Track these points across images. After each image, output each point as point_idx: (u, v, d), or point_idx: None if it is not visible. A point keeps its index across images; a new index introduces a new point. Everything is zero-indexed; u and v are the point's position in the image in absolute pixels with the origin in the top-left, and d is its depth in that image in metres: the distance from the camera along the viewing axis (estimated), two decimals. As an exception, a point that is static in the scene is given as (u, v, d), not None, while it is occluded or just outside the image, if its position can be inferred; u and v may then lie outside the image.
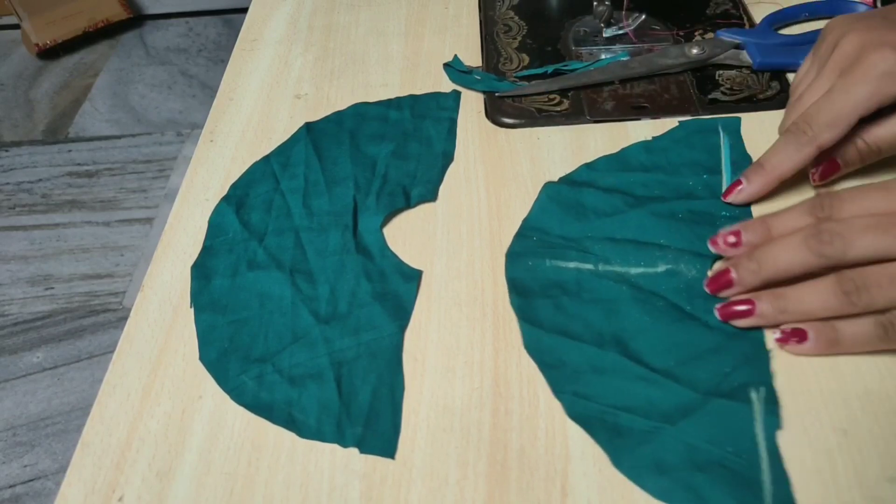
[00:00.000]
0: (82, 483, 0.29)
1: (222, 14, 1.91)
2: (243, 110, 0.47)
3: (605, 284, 0.34)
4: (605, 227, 0.36)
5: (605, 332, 0.32)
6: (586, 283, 0.34)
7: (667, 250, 0.35)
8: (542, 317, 0.33)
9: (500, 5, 0.54)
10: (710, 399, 0.29)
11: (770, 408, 0.29)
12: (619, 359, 0.31)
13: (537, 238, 0.36)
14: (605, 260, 0.35)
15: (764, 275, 0.31)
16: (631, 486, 0.27)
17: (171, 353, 0.34)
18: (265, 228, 0.38)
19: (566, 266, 0.35)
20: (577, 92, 0.45)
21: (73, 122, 1.61)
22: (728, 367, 0.30)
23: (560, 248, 0.36)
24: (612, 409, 0.29)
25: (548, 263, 0.35)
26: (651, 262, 0.34)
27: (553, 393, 0.30)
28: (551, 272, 0.35)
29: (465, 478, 0.28)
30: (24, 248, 1.33)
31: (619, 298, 0.33)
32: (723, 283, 0.32)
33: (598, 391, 0.30)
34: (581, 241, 0.36)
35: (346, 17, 0.55)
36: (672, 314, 0.32)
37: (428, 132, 0.43)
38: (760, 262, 0.31)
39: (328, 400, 0.31)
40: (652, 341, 0.31)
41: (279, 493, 0.28)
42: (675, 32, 0.49)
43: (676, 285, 0.33)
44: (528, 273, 0.35)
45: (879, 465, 0.27)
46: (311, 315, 0.34)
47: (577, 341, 0.32)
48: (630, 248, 0.35)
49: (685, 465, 0.28)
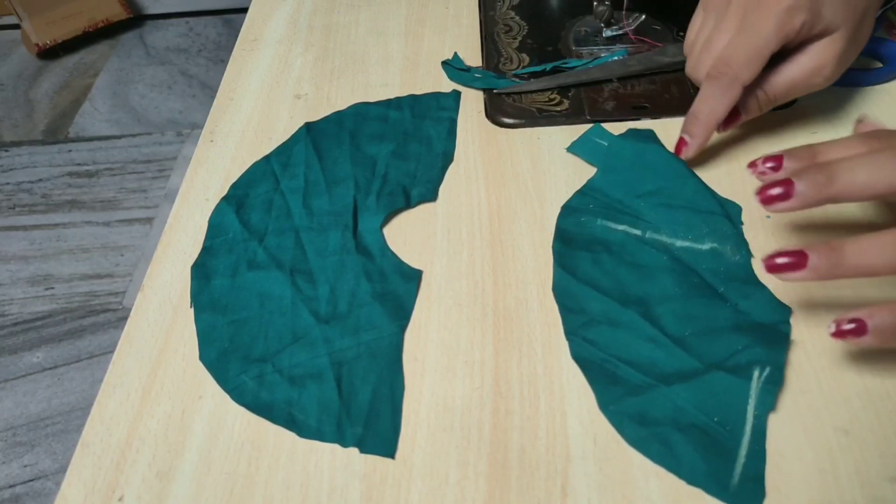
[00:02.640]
0: (82, 483, 0.29)
1: (222, 14, 1.91)
2: (243, 110, 0.47)
3: (647, 251, 0.35)
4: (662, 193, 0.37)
5: (633, 292, 0.33)
6: (630, 246, 0.35)
7: (716, 228, 0.35)
8: (578, 267, 0.34)
9: (500, 5, 0.54)
10: (712, 371, 0.30)
11: (769, 388, 0.29)
12: (637, 318, 0.32)
13: (597, 198, 0.38)
14: (654, 228, 0.36)
15: (835, 190, 0.27)
16: (631, 487, 0.27)
17: (171, 353, 0.34)
18: (265, 228, 0.38)
19: (616, 228, 0.36)
20: (577, 92, 0.45)
21: (73, 122, 1.61)
22: (740, 346, 0.31)
23: (615, 210, 0.37)
24: (615, 360, 0.31)
25: (599, 222, 0.36)
26: (698, 238, 0.35)
27: (564, 334, 0.32)
28: (600, 231, 0.36)
29: (466, 478, 0.28)
30: (24, 248, 1.33)
31: (656, 266, 0.34)
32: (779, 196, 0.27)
33: (608, 342, 0.31)
34: (637, 207, 0.37)
35: (346, 17, 0.55)
36: (703, 291, 0.33)
37: (428, 132, 0.43)
38: (832, 175, 0.27)
39: (328, 400, 0.31)
40: (675, 309, 0.32)
41: (279, 493, 0.28)
42: (675, 32, 0.49)
43: (716, 266, 0.34)
44: (578, 227, 0.36)
45: (881, 464, 0.27)
46: (311, 315, 0.34)
47: (603, 294, 0.33)
48: (682, 218, 0.36)
49: (667, 422, 0.29)
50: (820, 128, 0.40)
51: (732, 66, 0.35)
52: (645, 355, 0.31)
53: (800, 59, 0.36)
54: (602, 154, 0.40)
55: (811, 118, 0.40)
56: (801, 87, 0.37)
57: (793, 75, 0.36)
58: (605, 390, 0.30)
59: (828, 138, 0.39)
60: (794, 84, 0.37)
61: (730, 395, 0.29)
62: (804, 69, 0.36)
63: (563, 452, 0.29)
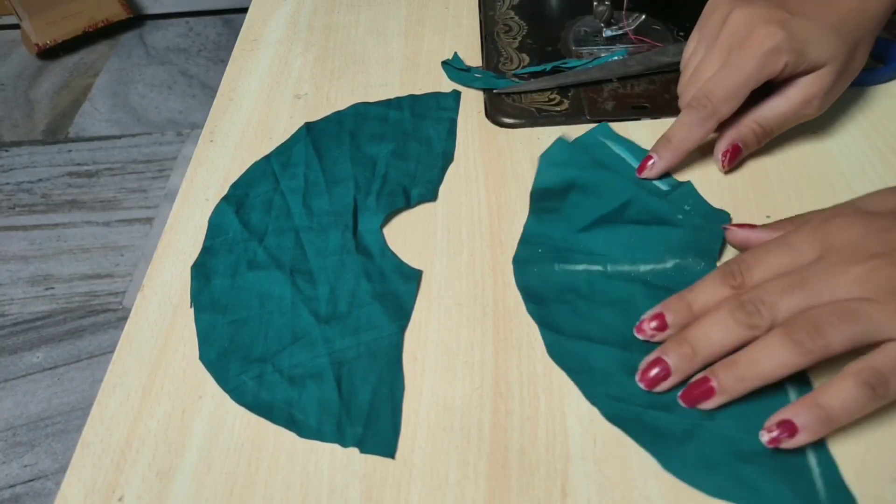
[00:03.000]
0: (82, 483, 0.29)
1: (222, 14, 1.91)
2: (243, 110, 0.47)
3: (617, 285, 0.34)
4: (605, 222, 0.36)
5: (628, 332, 0.32)
6: (598, 284, 0.34)
7: (670, 243, 0.35)
8: (561, 322, 0.33)
9: (500, 5, 0.54)
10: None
11: (804, 390, 0.29)
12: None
13: (541, 243, 0.36)
14: (612, 260, 0.35)
15: (700, 357, 0.29)
16: (631, 487, 0.27)
17: (171, 353, 0.34)
18: (265, 228, 0.38)
19: (575, 269, 0.35)
20: (577, 92, 0.45)
21: (73, 122, 1.61)
22: None
23: (565, 251, 0.36)
24: (649, 410, 0.29)
25: (556, 268, 0.35)
26: (658, 258, 0.34)
27: (586, 398, 0.30)
28: (561, 276, 0.35)
29: (466, 478, 0.28)
30: (24, 248, 1.33)
31: (633, 297, 0.33)
32: (659, 377, 0.30)
33: (631, 392, 0.30)
34: (585, 243, 0.36)
35: (346, 17, 0.55)
36: None
37: (428, 132, 0.43)
38: (694, 345, 0.29)
39: (328, 400, 0.31)
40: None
41: (279, 493, 0.28)
42: (675, 32, 0.49)
43: (687, 280, 0.33)
44: (539, 280, 0.35)
45: (880, 465, 0.27)
46: (311, 315, 0.34)
47: (601, 344, 0.32)
48: (634, 242, 0.35)
49: (731, 458, 0.28)
50: (820, 128, 0.40)
51: (712, 100, 0.36)
52: (673, 394, 0.30)
53: (789, 92, 0.37)
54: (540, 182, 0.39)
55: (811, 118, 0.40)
56: (791, 119, 0.38)
57: (783, 109, 0.37)
58: (659, 449, 0.28)
59: (828, 138, 0.40)
60: (785, 117, 0.38)
61: (772, 409, 0.28)
62: (793, 103, 0.37)
63: (563, 452, 0.29)
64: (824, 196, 0.37)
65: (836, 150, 0.40)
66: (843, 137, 0.40)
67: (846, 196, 0.33)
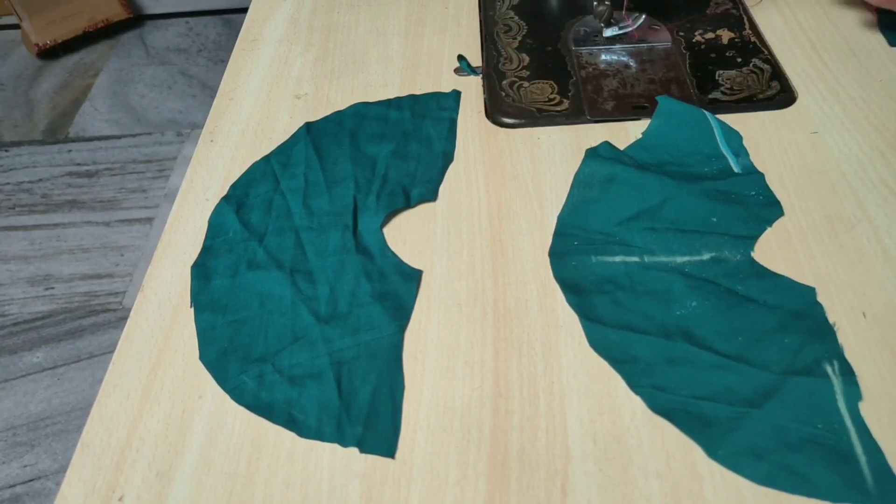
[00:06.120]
0: (82, 483, 0.29)
1: (222, 14, 1.91)
2: (243, 110, 0.47)
3: (655, 275, 0.34)
4: (643, 217, 0.36)
5: (668, 322, 0.32)
6: (636, 275, 0.34)
7: (708, 236, 0.35)
8: (602, 313, 0.33)
9: (500, 5, 0.54)
10: (788, 378, 0.29)
11: (848, 379, 0.29)
12: (688, 348, 0.31)
13: (576, 235, 0.36)
14: (648, 251, 0.35)
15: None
16: (631, 486, 0.27)
17: (171, 353, 0.34)
18: (265, 228, 0.38)
19: (612, 261, 0.35)
20: (577, 92, 0.45)
21: (73, 122, 1.61)
22: (796, 345, 0.30)
23: (601, 243, 0.36)
24: (694, 400, 0.29)
25: (593, 260, 0.35)
26: (695, 250, 0.35)
27: (630, 388, 0.30)
28: (599, 268, 0.35)
29: (466, 477, 0.28)
30: (24, 248, 1.33)
31: (672, 288, 0.33)
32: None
33: (676, 382, 0.30)
34: (621, 234, 0.36)
35: (346, 17, 0.55)
36: (728, 299, 0.32)
37: (428, 132, 0.43)
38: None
39: (328, 400, 0.31)
40: (716, 327, 0.32)
41: (279, 493, 0.28)
42: (675, 32, 0.49)
43: (725, 270, 0.33)
44: (576, 272, 0.35)
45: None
46: (311, 315, 0.34)
47: (643, 334, 0.32)
48: (671, 237, 0.35)
49: (779, 446, 0.28)
50: (821, 128, 0.40)
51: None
52: (718, 384, 0.30)
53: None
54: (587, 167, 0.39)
55: (811, 119, 0.40)
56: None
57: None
58: (705, 437, 0.28)
59: (828, 138, 0.40)
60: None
61: (818, 397, 0.28)
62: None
63: (563, 452, 0.29)
64: (825, 196, 0.37)
65: (836, 150, 0.40)
66: (843, 137, 0.40)
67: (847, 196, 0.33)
